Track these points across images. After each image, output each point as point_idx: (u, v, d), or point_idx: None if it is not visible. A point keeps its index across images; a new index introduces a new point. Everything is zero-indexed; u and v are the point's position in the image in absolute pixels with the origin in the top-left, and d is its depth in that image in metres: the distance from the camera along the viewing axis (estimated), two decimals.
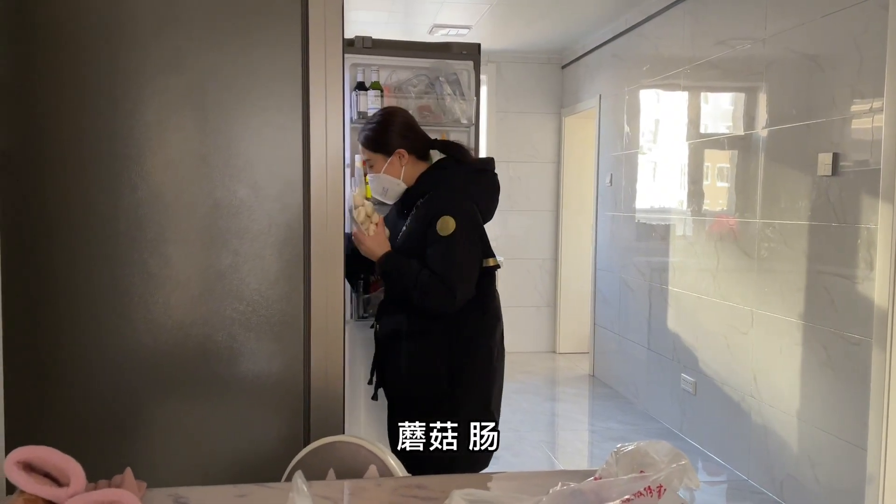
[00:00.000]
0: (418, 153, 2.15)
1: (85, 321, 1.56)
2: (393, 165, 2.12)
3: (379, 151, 2.13)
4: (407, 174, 2.13)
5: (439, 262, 1.97)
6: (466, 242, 2.01)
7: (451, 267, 1.98)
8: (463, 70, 3.06)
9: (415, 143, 2.14)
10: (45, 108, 1.52)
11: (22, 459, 1.09)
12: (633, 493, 0.99)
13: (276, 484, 1.31)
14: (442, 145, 2.21)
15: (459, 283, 1.97)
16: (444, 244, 1.98)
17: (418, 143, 2.16)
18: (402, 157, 2.11)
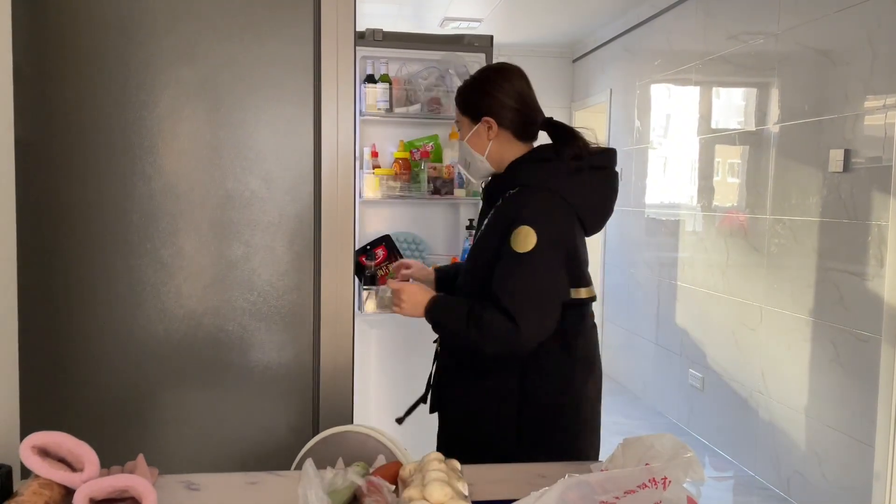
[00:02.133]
0: (517, 130, 1.68)
1: (98, 310, 1.58)
2: (478, 136, 1.69)
3: (466, 113, 1.71)
4: (495, 152, 1.69)
5: (506, 285, 1.54)
6: (547, 265, 1.55)
7: (521, 295, 1.52)
8: (474, 63, 3.06)
9: (515, 116, 1.67)
10: (60, 99, 1.54)
11: (37, 444, 1.11)
12: (639, 484, 1.00)
13: (286, 472, 1.33)
14: (550, 127, 1.71)
15: (529, 315, 1.51)
16: (515, 263, 1.54)
17: (520, 117, 1.68)
18: (491, 128, 1.67)
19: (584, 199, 1.64)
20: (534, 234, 1.53)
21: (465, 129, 1.73)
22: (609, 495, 0.99)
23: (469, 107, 1.71)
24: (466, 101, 1.72)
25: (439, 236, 3.28)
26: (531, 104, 1.71)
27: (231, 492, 1.23)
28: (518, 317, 1.51)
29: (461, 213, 3.25)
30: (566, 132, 1.69)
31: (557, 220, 1.59)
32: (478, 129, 1.69)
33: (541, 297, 1.55)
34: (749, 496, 3.52)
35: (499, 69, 1.74)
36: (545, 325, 1.55)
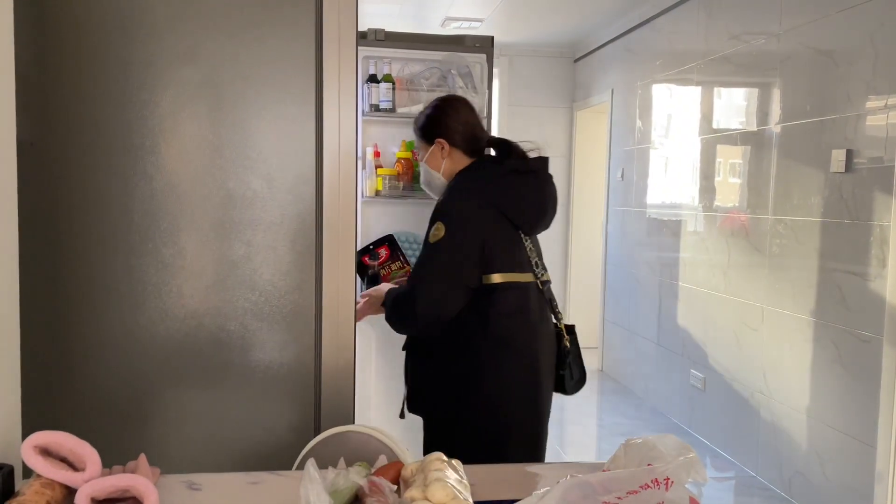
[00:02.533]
0: (466, 148, 1.96)
1: (100, 309, 1.58)
2: (433, 156, 1.97)
3: (423, 138, 2.00)
4: (448, 169, 1.96)
5: (414, 269, 1.87)
6: (450, 254, 1.80)
7: (420, 279, 1.83)
8: (475, 63, 3.06)
9: (463, 136, 1.95)
10: (61, 98, 1.54)
11: (39, 444, 1.11)
12: (641, 485, 1.00)
13: (287, 472, 1.32)
14: (493, 142, 2.00)
15: (423, 297, 1.80)
16: (424, 251, 1.85)
17: (467, 136, 1.96)
18: (444, 147, 1.95)
19: (509, 200, 1.87)
20: (443, 226, 1.81)
21: (422, 152, 2.01)
22: (611, 496, 0.99)
23: (424, 132, 2.00)
24: (422, 128, 2.01)
25: None
26: (475, 125, 1.99)
27: (232, 492, 1.23)
28: (416, 293, 1.81)
29: None
30: (503, 145, 1.97)
31: (469, 217, 1.83)
32: (433, 150, 1.97)
33: (438, 278, 1.81)
34: (750, 497, 3.52)
35: (446, 99, 2.05)
36: (440, 303, 1.80)
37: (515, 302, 1.86)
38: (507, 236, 1.87)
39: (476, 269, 1.82)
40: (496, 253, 1.83)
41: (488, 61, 3.05)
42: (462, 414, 1.86)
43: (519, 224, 1.88)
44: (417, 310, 1.80)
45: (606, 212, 5.89)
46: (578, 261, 6.59)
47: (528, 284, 1.89)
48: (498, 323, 1.83)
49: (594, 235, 6.35)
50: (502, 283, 1.83)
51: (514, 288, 1.85)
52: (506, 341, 1.85)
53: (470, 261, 1.81)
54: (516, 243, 1.89)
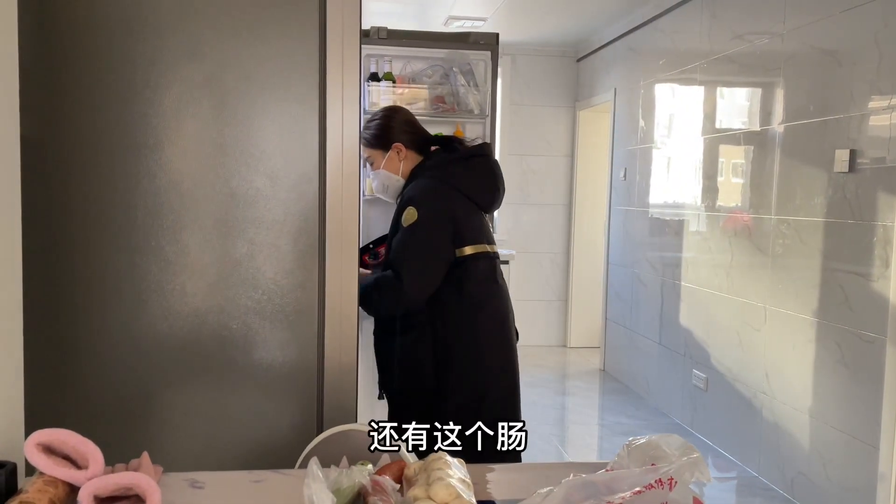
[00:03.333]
0: (417, 149, 2.13)
1: (103, 307, 1.58)
2: (391, 160, 2.11)
3: (377, 147, 2.13)
4: (405, 170, 2.12)
5: (394, 253, 1.97)
6: (427, 233, 1.96)
7: (403, 259, 1.95)
8: (478, 61, 3.05)
9: (414, 137, 2.13)
10: (65, 95, 1.54)
11: (42, 442, 1.11)
12: (645, 485, 0.99)
13: (290, 471, 1.32)
14: (440, 140, 2.18)
15: (409, 275, 1.93)
16: (401, 235, 1.97)
17: (417, 137, 2.13)
18: (400, 151, 2.11)
19: (467, 180, 2.05)
20: (415, 210, 1.95)
21: (377, 159, 2.13)
22: (615, 496, 0.99)
23: (379, 141, 2.12)
24: (376, 137, 2.13)
25: None
26: (421, 128, 2.17)
27: (235, 490, 1.23)
28: (402, 272, 1.92)
29: None
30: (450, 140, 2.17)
31: (436, 198, 2.00)
32: (389, 155, 2.11)
33: (419, 256, 1.95)
34: (752, 497, 3.52)
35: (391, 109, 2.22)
36: (425, 279, 1.95)
37: (486, 270, 2.05)
38: (470, 213, 2.05)
39: (450, 244, 1.98)
40: (465, 227, 2.01)
41: (493, 59, 3.04)
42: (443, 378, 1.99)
43: (478, 203, 2.07)
44: (405, 289, 1.92)
45: (609, 211, 5.88)
46: (580, 260, 6.58)
47: (494, 254, 2.09)
48: (472, 290, 2.01)
49: (596, 235, 6.34)
50: (473, 253, 2.01)
51: (483, 258, 2.03)
52: (480, 305, 2.03)
53: (445, 236, 1.97)
54: (478, 219, 2.08)
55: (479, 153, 2.13)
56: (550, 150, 6.62)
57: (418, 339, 2.01)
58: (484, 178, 2.11)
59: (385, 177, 2.14)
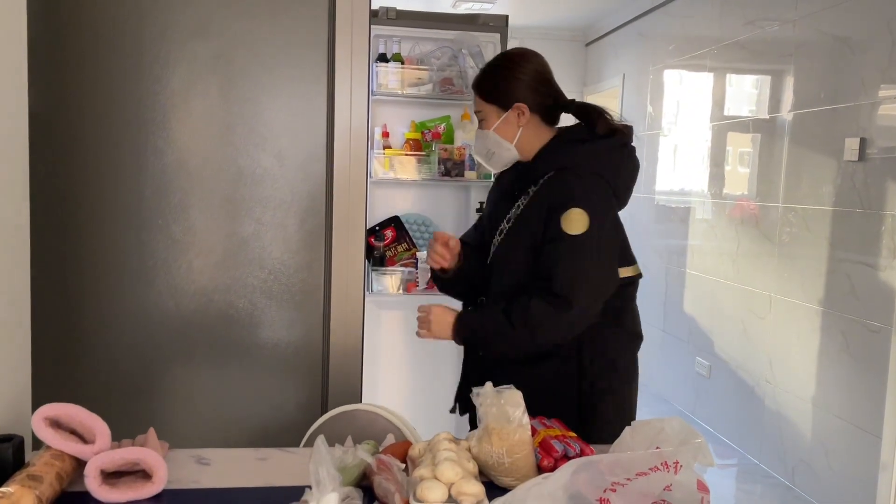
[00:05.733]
0: (544, 115, 1.66)
1: (110, 284, 1.58)
2: (508, 123, 1.63)
3: (493, 102, 1.64)
4: (524, 139, 1.64)
5: (557, 267, 1.51)
6: (600, 247, 1.55)
7: (573, 277, 1.51)
8: (488, 43, 3.03)
9: (544, 100, 1.64)
10: (74, 72, 1.53)
11: (49, 416, 1.11)
12: (650, 467, 1.00)
13: (295, 449, 1.33)
14: (578, 108, 1.67)
15: (581, 298, 1.50)
16: (567, 245, 1.51)
17: (548, 101, 1.65)
18: (522, 114, 1.62)
19: (618, 177, 1.64)
20: (586, 216, 1.52)
21: (491, 117, 1.66)
22: (620, 477, 0.99)
23: (497, 94, 1.64)
24: (492, 89, 1.65)
25: (448, 218, 3.27)
26: (555, 87, 1.68)
27: (241, 467, 1.23)
28: (572, 299, 1.50)
29: (471, 195, 3.24)
30: (594, 111, 1.66)
31: (606, 202, 1.59)
32: (507, 116, 1.64)
33: (594, 279, 1.54)
34: (753, 484, 3.53)
35: (522, 54, 1.70)
36: (595, 305, 1.55)
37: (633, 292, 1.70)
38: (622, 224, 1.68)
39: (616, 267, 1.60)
40: (626, 244, 1.67)
41: (502, 41, 3.02)
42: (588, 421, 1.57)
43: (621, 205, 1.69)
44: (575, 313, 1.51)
45: None
46: None
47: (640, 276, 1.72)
48: (629, 321, 1.67)
49: None
50: (632, 276, 1.66)
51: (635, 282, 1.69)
52: (639, 337, 1.70)
53: (614, 255, 1.60)
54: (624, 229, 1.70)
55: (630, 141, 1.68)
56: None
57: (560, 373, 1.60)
58: (631, 173, 1.69)
59: (495, 142, 1.66)
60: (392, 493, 1.04)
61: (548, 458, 1.19)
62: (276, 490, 1.14)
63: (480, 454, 1.18)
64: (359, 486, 1.10)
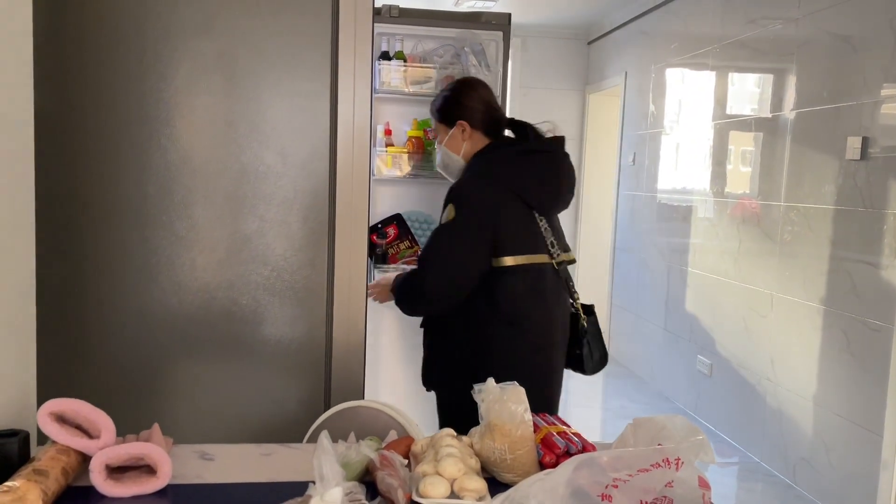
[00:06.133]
0: (486, 130, 1.95)
1: (114, 280, 1.59)
2: (454, 139, 1.95)
3: (443, 121, 1.98)
4: (468, 151, 1.94)
5: (423, 252, 1.85)
6: (461, 238, 1.79)
7: (427, 260, 1.82)
8: (490, 41, 3.03)
9: (483, 117, 1.94)
10: (78, 71, 1.54)
11: (55, 411, 1.12)
12: (651, 464, 1.00)
13: (298, 445, 1.34)
14: (511, 123, 1.99)
15: (431, 277, 1.79)
16: (434, 233, 1.84)
17: (488, 118, 1.95)
18: (464, 129, 1.93)
19: (524, 181, 1.85)
20: (454, 209, 1.79)
21: (442, 134, 1.99)
22: (621, 473, 1.00)
23: (444, 115, 1.97)
24: (441, 110, 1.98)
25: None
26: (495, 107, 1.99)
27: (244, 462, 1.24)
28: (424, 272, 1.80)
29: None
30: (522, 126, 1.97)
31: (482, 199, 1.81)
32: (453, 132, 1.95)
33: (445, 259, 1.80)
34: (754, 482, 3.54)
35: (465, 81, 2.03)
36: (448, 284, 1.79)
37: (528, 283, 1.84)
38: (521, 219, 1.85)
39: (485, 252, 1.79)
40: (508, 236, 1.81)
41: (504, 39, 3.02)
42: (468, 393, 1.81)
43: (534, 205, 1.86)
44: (425, 290, 1.79)
45: (617, 196, 5.86)
46: (587, 245, 6.57)
47: (542, 266, 1.86)
48: (509, 304, 1.82)
49: (604, 219, 6.33)
50: (514, 265, 1.80)
51: (526, 270, 1.83)
52: (517, 322, 1.83)
53: (479, 244, 1.79)
54: (530, 225, 1.86)
55: (546, 148, 1.93)
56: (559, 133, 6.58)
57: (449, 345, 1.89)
58: (543, 177, 1.89)
59: (446, 154, 1.98)
60: (395, 489, 1.04)
61: (550, 455, 1.19)
62: (279, 485, 1.14)
63: (483, 450, 1.18)
64: (362, 481, 1.11)
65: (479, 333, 1.83)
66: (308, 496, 1.00)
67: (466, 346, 1.85)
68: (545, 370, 1.91)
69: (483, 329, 1.83)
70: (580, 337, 2.00)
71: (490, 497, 1.05)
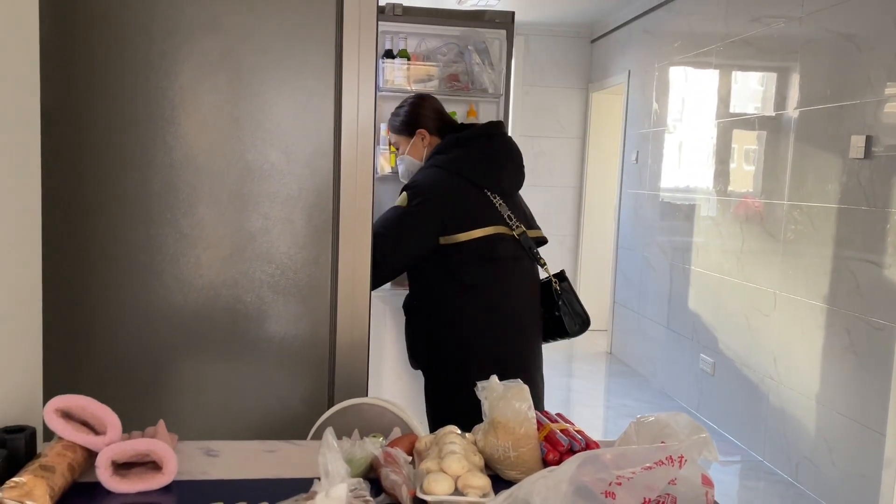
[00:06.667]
0: (440, 135, 2.14)
1: (119, 277, 1.60)
2: (415, 147, 2.16)
3: (402, 133, 2.18)
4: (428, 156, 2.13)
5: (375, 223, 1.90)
6: (409, 224, 1.93)
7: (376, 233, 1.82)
8: (493, 39, 3.03)
9: (437, 124, 2.15)
10: (82, 67, 1.54)
11: (61, 407, 1.13)
12: (655, 461, 1.00)
13: (303, 441, 1.34)
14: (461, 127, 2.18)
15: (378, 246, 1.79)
16: (387, 210, 1.98)
17: (442, 125, 2.15)
18: (424, 137, 2.14)
19: (466, 163, 2.00)
20: (406, 197, 1.95)
21: (403, 145, 2.18)
22: (625, 471, 1.00)
23: (404, 126, 2.17)
24: (402, 123, 2.17)
25: None
26: (448, 117, 2.20)
27: (249, 459, 1.25)
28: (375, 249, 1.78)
29: None
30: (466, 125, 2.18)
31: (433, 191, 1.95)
32: (413, 141, 2.15)
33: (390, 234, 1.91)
34: (757, 481, 3.54)
35: (418, 96, 2.24)
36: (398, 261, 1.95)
37: (481, 252, 1.96)
38: (471, 198, 1.98)
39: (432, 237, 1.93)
40: (458, 216, 1.95)
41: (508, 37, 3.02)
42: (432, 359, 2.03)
43: (482, 184, 2.00)
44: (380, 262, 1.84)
45: (619, 194, 5.86)
46: (590, 243, 6.57)
47: (497, 236, 1.98)
48: (464, 273, 1.95)
49: (606, 218, 6.33)
50: (466, 240, 1.94)
51: (479, 241, 1.95)
52: (474, 287, 1.96)
53: (426, 232, 1.93)
54: (481, 202, 1.99)
55: (483, 133, 2.08)
56: (562, 131, 6.59)
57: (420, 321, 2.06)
58: (486, 158, 2.03)
59: (409, 162, 2.18)
60: (399, 485, 1.05)
61: (553, 452, 1.20)
62: (284, 482, 1.15)
63: (486, 447, 1.19)
64: (366, 478, 1.11)
65: (445, 304, 1.98)
66: (313, 492, 1.01)
67: (435, 317, 2.01)
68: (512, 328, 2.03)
69: (448, 300, 1.98)
70: (555, 300, 2.13)
71: (494, 494, 1.05)
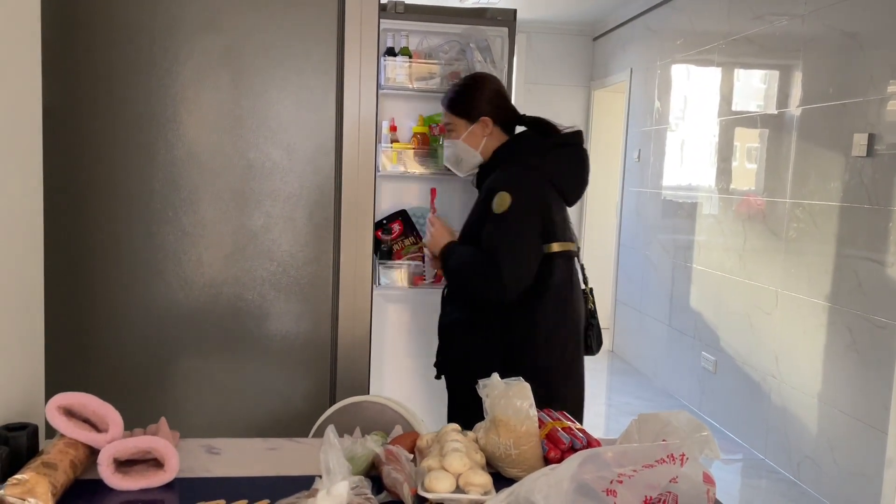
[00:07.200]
0: (504, 126, 1.99)
1: (121, 275, 1.60)
2: (474, 134, 1.97)
3: (462, 116, 1.98)
4: (487, 146, 1.97)
5: (488, 241, 1.80)
6: (520, 224, 1.80)
7: (499, 246, 1.77)
8: (495, 37, 3.03)
9: (503, 113, 1.98)
10: (84, 65, 1.54)
11: (63, 405, 1.13)
12: (656, 459, 1.00)
13: (304, 439, 1.34)
14: (529, 120, 2.02)
15: (508, 264, 1.75)
16: (495, 222, 1.80)
17: (506, 114, 1.99)
18: (486, 126, 1.96)
19: (557, 170, 1.91)
20: (508, 196, 1.79)
21: (459, 129, 1.99)
22: (626, 469, 1.00)
23: (466, 109, 1.97)
24: (463, 105, 1.98)
25: (456, 212, 3.28)
26: (510, 102, 2.03)
27: (250, 456, 1.25)
28: (501, 264, 1.75)
29: None
30: (542, 122, 1.99)
31: (529, 186, 1.84)
32: (474, 128, 1.97)
33: (516, 247, 1.78)
34: (758, 479, 3.54)
35: (483, 76, 2.07)
36: (523, 272, 1.78)
37: (568, 270, 1.90)
38: (558, 207, 1.90)
39: (540, 237, 1.83)
40: (554, 223, 1.86)
41: (510, 35, 3.01)
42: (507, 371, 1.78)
43: (566, 195, 1.93)
44: (504, 280, 1.75)
45: (621, 192, 5.86)
46: (591, 241, 6.57)
47: (573, 253, 1.93)
48: (555, 289, 1.85)
49: (608, 216, 6.32)
50: (559, 251, 1.85)
51: (566, 256, 1.89)
52: (562, 309, 1.88)
53: (537, 228, 1.83)
54: (563, 214, 1.93)
55: (573, 142, 1.98)
56: None
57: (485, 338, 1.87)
58: (576, 169, 1.96)
59: (463, 149, 1.99)
60: (401, 483, 1.05)
61: (555, 450, 1.20)
62: (286, 479, 1.15)
63: (488, 445, 1.19)
64: (368, 476, 1.11)
65: (527, 321, 1.84)
66: (315, 490, 1.01)
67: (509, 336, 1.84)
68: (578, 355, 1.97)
69: (531, 317, 1.84)
70: (589, 319, 2.06)
71: (495, 492, 1.05)
